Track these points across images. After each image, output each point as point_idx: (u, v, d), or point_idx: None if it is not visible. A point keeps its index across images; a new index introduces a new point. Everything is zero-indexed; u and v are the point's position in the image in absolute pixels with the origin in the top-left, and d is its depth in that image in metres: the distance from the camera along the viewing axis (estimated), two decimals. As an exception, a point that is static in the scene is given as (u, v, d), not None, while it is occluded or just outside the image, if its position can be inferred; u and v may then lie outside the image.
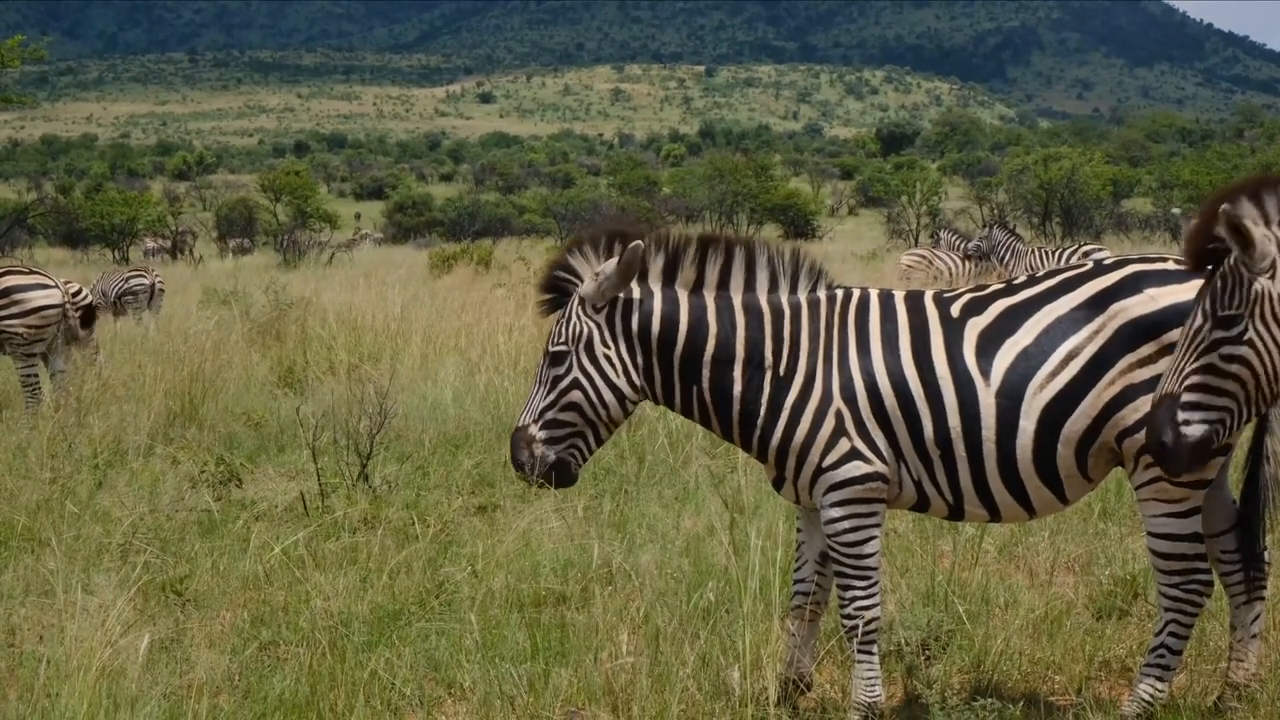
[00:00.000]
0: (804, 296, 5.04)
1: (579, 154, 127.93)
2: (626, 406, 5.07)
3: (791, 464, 4.92)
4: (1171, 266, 4.77)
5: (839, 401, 4.84)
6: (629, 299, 5.00)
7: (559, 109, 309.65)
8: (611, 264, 4.93)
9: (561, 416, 4.99)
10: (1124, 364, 4.66)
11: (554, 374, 5.00)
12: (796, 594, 5.31)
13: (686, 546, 6.84)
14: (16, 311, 11.08)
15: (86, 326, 11.94)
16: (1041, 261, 19.80)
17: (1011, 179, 44.97)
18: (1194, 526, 4.77)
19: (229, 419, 10.62)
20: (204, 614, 6.37)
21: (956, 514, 4.97)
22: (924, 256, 22.09)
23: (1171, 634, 4.89)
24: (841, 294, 5.07)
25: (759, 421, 4.94)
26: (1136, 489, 4.85)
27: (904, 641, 5.57)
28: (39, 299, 11.22)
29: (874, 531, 4.92)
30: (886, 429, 4.83)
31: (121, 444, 9.25)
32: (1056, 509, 5.05)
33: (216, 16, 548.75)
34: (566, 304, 5.02)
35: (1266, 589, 5.12)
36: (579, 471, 5.11)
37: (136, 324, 18.28)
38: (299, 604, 6.13)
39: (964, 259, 21.71)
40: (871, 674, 4.98)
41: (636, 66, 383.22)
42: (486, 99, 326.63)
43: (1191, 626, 4.96)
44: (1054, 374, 4.71)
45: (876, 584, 4.96)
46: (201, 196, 76.33)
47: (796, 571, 5.34)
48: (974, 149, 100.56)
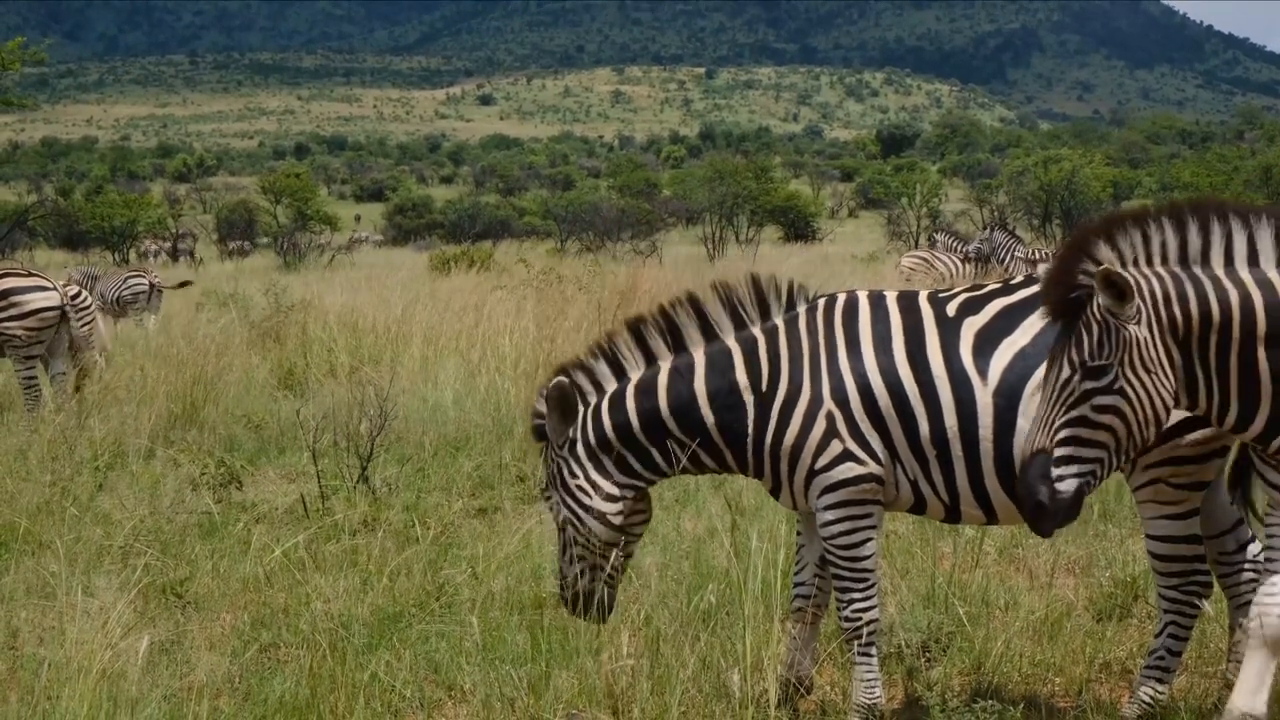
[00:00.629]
0: (779, 319, 5.05)
1: (579, 156, 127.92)
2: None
3: (784, 469, 4.92)
4: None
5: (830, 403, 4.83)
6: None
7: (559, 111, 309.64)
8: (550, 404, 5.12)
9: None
10: None
11: None
12: (797, 596, 5.31)
13: (687, 549, 6.84)
14: (15, 314, 11.07)
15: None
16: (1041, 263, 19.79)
17: (1012, 181, 44.93)
18: (1192, 528, 4.77)
19: (229, 421, 10.62)
20: (204, 616, 6.37)
21: (953, 516, 4.95)
22: (924, 259, 22.09)
23: (1171, 635, 4.89)
24: (825, 300, 5.07)
25: (749, 441, 4.96)
26: (1135, 491, 4.84)
27: (904, 643, 5.57)
28: (37, 301, 11.20)
29: (870, 533, 4.91)
30: (881, 429, 4.82)
31: (122, 446, 9.25)
32: None
33: (217, 18, 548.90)
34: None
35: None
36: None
37: (137, 326, 18.31)
38: (299, 606, 6.13)
39: (964, 261, 21.71)
40: (871, 676, 4.97)
41: (637, 68, 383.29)
42: (487, 101, 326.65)
43: (1191, 628, 4.96)
44: None
45: (874, 586, 4.96)
46: (202, 199, 76.31)
47: (797, 574, 5.34)
48: (974, 151, 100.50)
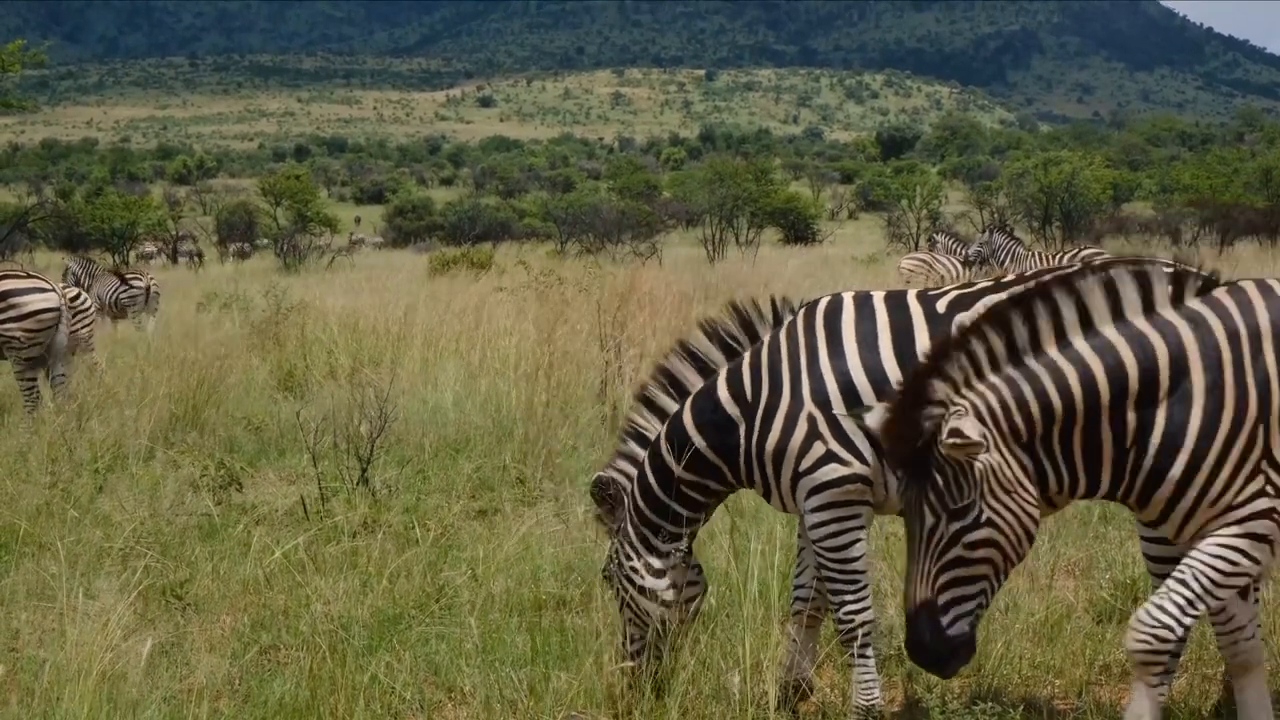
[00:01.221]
0: (765, 335, 5.09)
1: (579, 158, 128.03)
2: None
3: (770, 473, 4.92)
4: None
5: (810, 405, 4.82)
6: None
7: (559, 113, 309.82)
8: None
9: None
10: None
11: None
12: (797, 598, 5.31)
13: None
14: (14, 315, 11.07)
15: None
16: (1041, 264, 19.80)
17: (1012, 183, 44.91)
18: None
19: (229, 423, 10.62)
20: (204, 618, 6.37)
21: None
22: (924, 260, 22.08)
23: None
24: (809, 304, 5.09)
25: (739, 451, 4.98)
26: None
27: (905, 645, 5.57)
28: (36, 303, 11.20)
29: (858, 534, 4.90)
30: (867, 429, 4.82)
31: (122, 448, 9.25)
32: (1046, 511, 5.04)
33: (217, 20, 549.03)
34: None
35: (1260, 591, 5.13)
36: None
37: (137, 328, 18.32)
38: (299, 608, 6.13)
39: (964, 264, 21.71)
40: (869, 677, 4.97)
41: (637, 70, 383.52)
42: (487, 103, 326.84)
43: (1188, 630, 4.95)
44: None
45: (865, 587, 4.94)
46: (202, 200, 76.42)
47: (797, 576, 5.34)
48: (974, 153, 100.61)
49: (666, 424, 5.09)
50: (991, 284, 4.99)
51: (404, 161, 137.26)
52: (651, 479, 5.08)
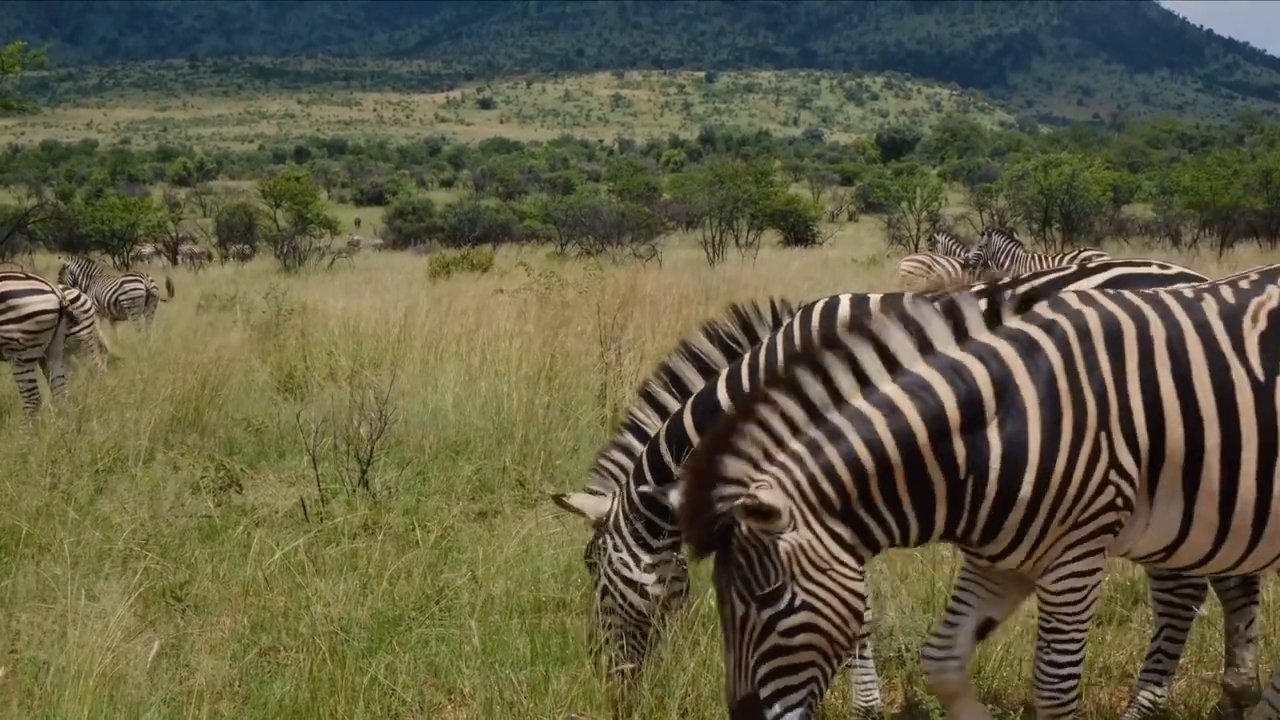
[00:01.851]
0: (765, 337, 5.11)
1: (579, 160, 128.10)
2: None
3: None
4: (1155, 270, 4.78)
5: None
6: None
7: (559, 115, 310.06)
8: None
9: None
10: None
11: None
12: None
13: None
14: (13, 316, 11.07)
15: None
16: (1041, 267, 19.79)
17: (1012, 185, 44.91)
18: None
19: (229, 425, 10.62)
20: (204, 620, 6.37)
21: None
22: (924, 262, 22.09)
23: (1167, 639, 4.90)
24: (805, 307, 5.10)
25: None
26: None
27: (904, 648, 5.58)
28: (35, 304, 11.20)
29: None
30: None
31: (122, 450, 9.25)
32: None
33: (217, 22, 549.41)
34: None
35: (1259, 594, 5.13)
36: None
37: (137, 331, 18.32)
38: (299, 609, 6.13)
39: (964, 267, 21.71)
40: (868, 678, 4.98)
41: (637, 72, 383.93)
42: (487, 105, 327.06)
43: (1186, 631, 4.97)
44: None
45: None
46: (202, 202, 76.41)
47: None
48: (974, 155, 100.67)
49: (666, 424, 5.10)
50: (986, 287, 4.99)
51: (404, 163, 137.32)
52: (649, 477, 5.09)
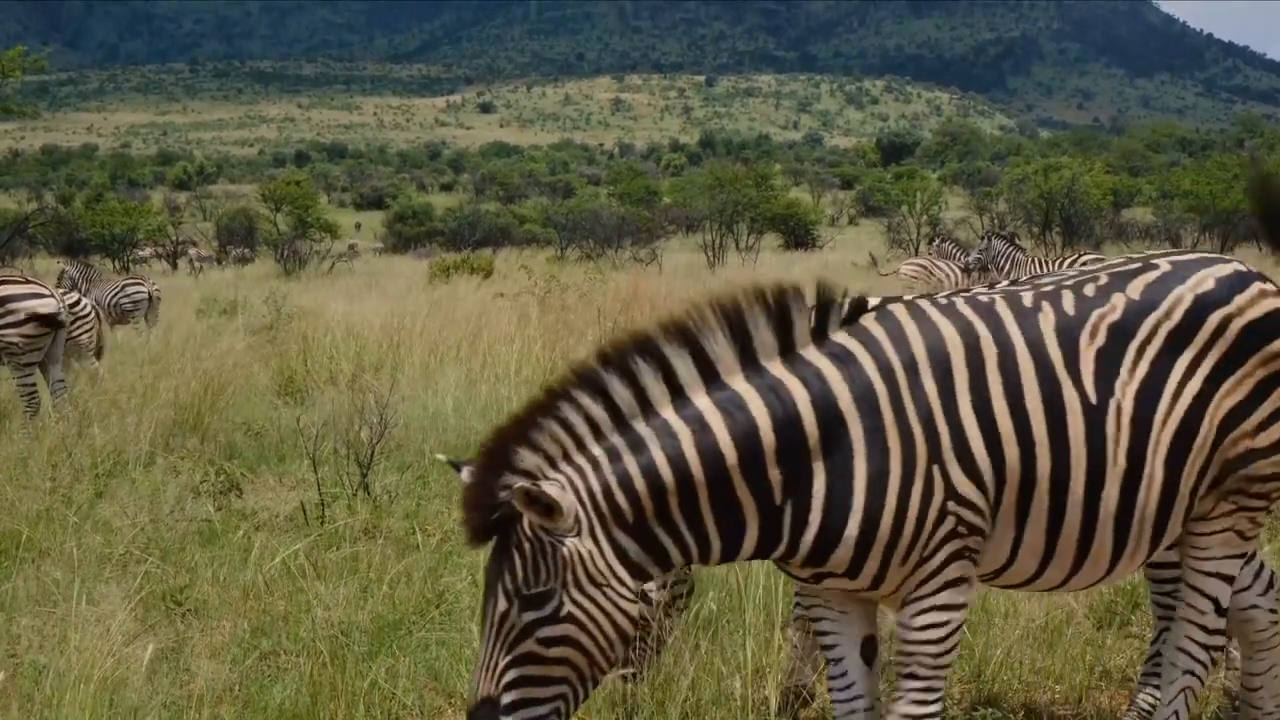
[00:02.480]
0: None
1: (579, 164, 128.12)
2: None
3: None
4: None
5: None
6: None
7: (559, 119, 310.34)
8: None
9: None
10: None
11: None
12: (798, 604, 5.31)
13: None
14: (12, 321, 11.06)
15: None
16: (1041, 270, 19.79)
17: (1012, 189, 44.96)
18: (1185, 535, 4.77)
19: (230, 429, 10.62)
20: (205, 624, 6.36)
21: None
22: (924, 266, 22.10)
23: (1167, 643, 4.88)
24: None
25: None
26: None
27: (905, 651, 5.56)
28: (34, 308, 11.20)
29: None
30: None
31: (122, 454, 9.25)
32: None
33: (217, 26, 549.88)
34: None
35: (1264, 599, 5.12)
36: None
37: (138, 334, 18.32)
38: (299, 613, 6.13)
39: (964, 271, 21.71)
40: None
41: (637, 76, 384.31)
42: (487, 109, 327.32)
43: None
44: None
45: None
46: (202, 206, 76.37)
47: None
48: (974, 159, 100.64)
49: None
50: (986, 289, 4.99)
51: (404, 167, 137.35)
52: None
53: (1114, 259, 4.28)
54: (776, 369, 3.69)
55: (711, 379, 3.67)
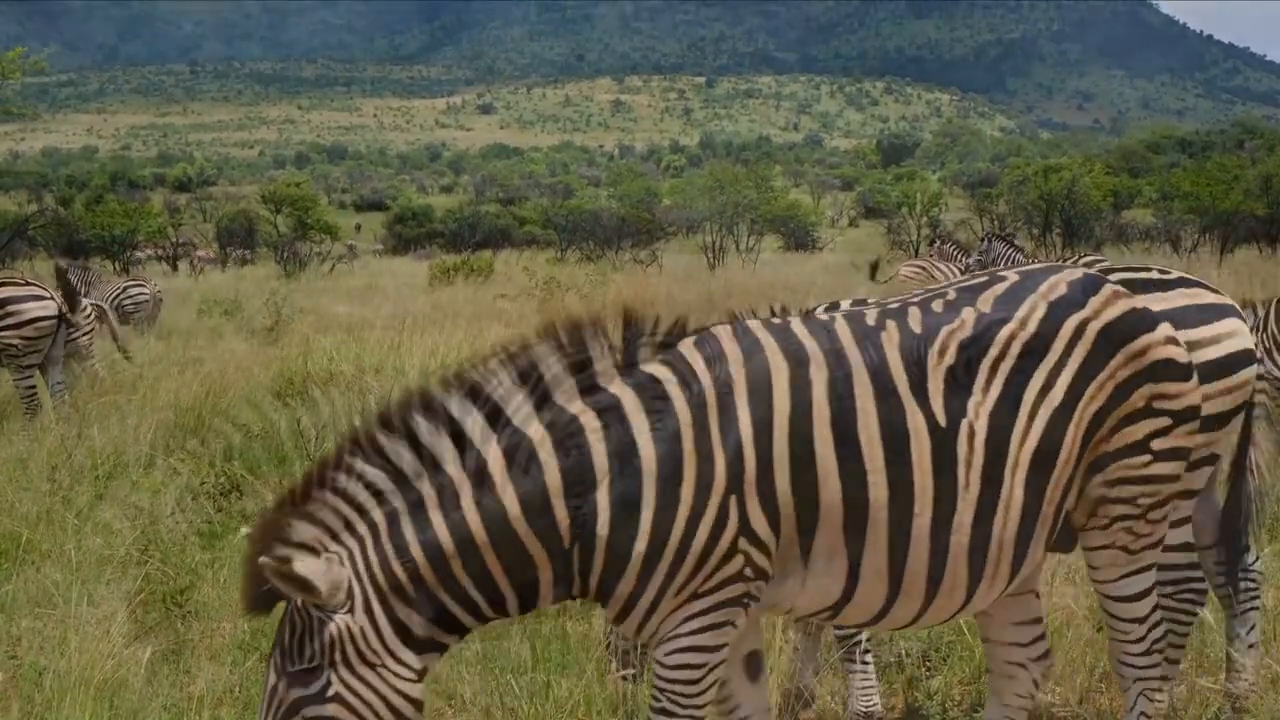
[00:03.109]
0: None
1: (579, 165, 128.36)
2: None
3: None
4: (1155, 276, 4.78)
5: None
6: None
7: (559, 120, 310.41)
8: None
9: None
10: None
11: None
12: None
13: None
14: (11, 323, 11.07)
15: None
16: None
17: (1012, 190, 44.97)
18: (1184, 536, 4.76)
19: (230, 430, 10.61)
20: (205, 625, 6.36)
21: None
22: (923, 268, 22.11)
23: (1168, 644, 4.89)
24: (803, 312, 5.08)
25: None
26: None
27: (905, 652, 5.58)
28: (34, 310, 11.20)
29: None
30: None
31: (122, 455, 9.25)
32: None
33: (217, 28, 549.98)
34: None
35: (1260, 599, 5.13)
36: None
37: (139, 335, 18.33)
38: (300, 615, 6.12)
39: (964, 273, 21.72)
40: (867, 683, 4.99)
41: (637, 78, 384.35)
42: (487, 110, 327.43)
43: (1187, 636, 4.96)
44: None
45: None
46: (202, 208, 76.31)
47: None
48: (974, 160, 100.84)
49: None
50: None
51: (404, 169, 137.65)
52: None
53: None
54: (574, 406, 3.54)
55: (502, 426, 3.51)
